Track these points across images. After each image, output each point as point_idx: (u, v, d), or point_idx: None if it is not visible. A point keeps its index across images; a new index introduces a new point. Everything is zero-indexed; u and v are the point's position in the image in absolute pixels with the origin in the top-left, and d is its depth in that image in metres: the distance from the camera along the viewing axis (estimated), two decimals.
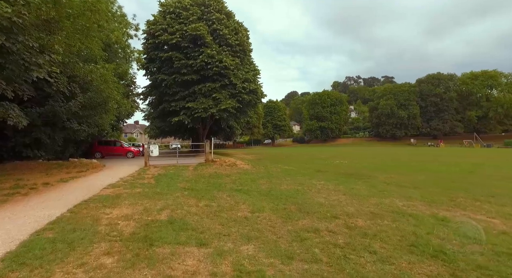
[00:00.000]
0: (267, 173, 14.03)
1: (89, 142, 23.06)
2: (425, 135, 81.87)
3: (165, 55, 25.69)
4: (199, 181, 11.15)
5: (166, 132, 32.05)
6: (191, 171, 14.36)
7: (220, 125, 32.75)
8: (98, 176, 12.23)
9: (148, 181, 11.15)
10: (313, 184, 10.60)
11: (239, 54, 28.45)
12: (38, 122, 13.34)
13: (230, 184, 10.38)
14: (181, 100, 26.55)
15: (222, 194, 8.50)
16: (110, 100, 15.05)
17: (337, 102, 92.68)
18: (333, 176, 13.12)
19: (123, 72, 19.71)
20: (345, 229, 5.04)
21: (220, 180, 11.44)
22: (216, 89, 26.41)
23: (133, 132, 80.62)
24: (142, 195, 8.13)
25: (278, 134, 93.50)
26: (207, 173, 13.52)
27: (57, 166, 13.87)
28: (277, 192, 8.87)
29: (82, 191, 8.56)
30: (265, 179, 11.87)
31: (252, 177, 12.41)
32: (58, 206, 6.59)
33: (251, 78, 28.68)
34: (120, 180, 11.17)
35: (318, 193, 8.71)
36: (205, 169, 14.57)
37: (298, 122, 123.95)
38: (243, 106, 28.51)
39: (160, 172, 13.68)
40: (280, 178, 12.29)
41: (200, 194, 8.33)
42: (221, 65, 25.71)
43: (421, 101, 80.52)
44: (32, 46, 7.29)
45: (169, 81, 26.02)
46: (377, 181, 11.56)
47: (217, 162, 16.53)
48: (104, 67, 14.24)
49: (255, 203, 7.24)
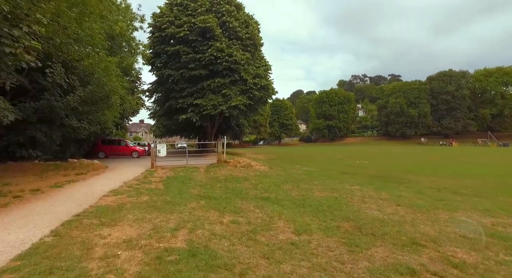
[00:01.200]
0: (289, 175, 12.44)
1: (92, 141, 21.66)
2: (435, 134, 79.49)
3: (172, 49, 24.17)
4: (214, 185, 9.60)
5: (172, 131, 30.56)
6: (203, 173, 12.82)
7: (229, 123, 31.21)
8: (99, 180, 10.73)
9: (156, 185, 9.63)
10: (349, 189, 9.00)
11: (250, 48, 26.83)
12: (33, 119, 11.87)
13: (252, 190, 8.81)
14: (188, 96, 25.02)
15: (247, 204, 6.93)
16: (113, 95, 13.54)
17: (345, 100, 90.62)
18: (364, 179, 11.49)
19: (127, 66, 18.23)
20: (453, 269, 3.42)
21: (239, 184, 9.88)
22: (226, 85, 24.84)
23: (138, 131, 79.31)
24: (149, 205, 6.60)
25: (285, 133, 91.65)
26: (222, 175, 11.97)
27: (54, 167, 12.41)
28: (313, 201, 7.29)
29: (77, 200, 7.05)
30: (290, 183, 10.29)
31: (274, 180, 10.83)
32: (41, 224, 5.05)
33: (262, 73, 27.07)
34: (124, 184, 9.66)
35: (364, 203, 7.10)
36: (218, 171, 13.02)
37: (304, 121, 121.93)
38: (254, 103, 26.93)
39: (168, 174, 12.16)
40: (306, 181, 10.70)
41: (221, 204, 6.77)
42: (231, 60, 24.13)
43: (432, 99, 78.15)
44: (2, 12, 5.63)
45: (176, 76, 24.50)
46: (421, 186, 9.92)
47: (231, 162, 14.97)
48: (105, 57, 12.73)
49: (294, 217, 5.67)
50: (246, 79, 25.29)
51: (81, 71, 12.51)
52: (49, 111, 11.87)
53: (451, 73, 77.52)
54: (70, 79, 11.89)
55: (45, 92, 11.57)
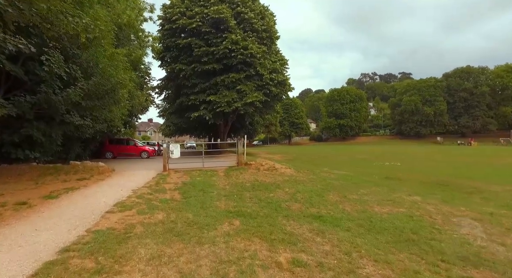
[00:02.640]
0: (323, 181, 10.59)
1: (99, 141, 20.14)
2: (451, 133, 76.41)
3: (184, 42, 22.48)
4: (243, 195, 7.82)
5: (183, 129, 28.90)
6: (223, 177, 11.06)
7: (243, 121, 29.46)
8: (104, 187, 9.06)
9: (172, 195, 7.90)
10: (412, 202, 7.13)
11: (266, 41, 24.99)
12: (30, 115, 10.24)
13: (292, 202, 7.01)
14: (201, 93, 23.33)
15: (297, 226, 5.13)
16: (121, 89, 11.87)
17: (356, 99, 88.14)
18: (418, 187, 9.59)
19: (136, 59, 16.60)
20: None
21: (272, 194, 8.09)
22: (241, 80, 23.06)
23: (147, 130, 78.00)
24: (167, 229, 4.85)
25: (295, 132, 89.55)
26: (246, 181, 10.19)
27: (54, 171, 10.80)
28: (384, 221, 5.46)
29: (71, 220, 5.35)
30: (333, 192, 8.45)
31: (310, 188, 9.01)
32: (2, 274, 3.33)
33: (279, 68, 25.26)
34: (133, 193, 7.96)
35: (458, 226, 5.23)
36: (240, 175, 11.25)
37: (314, 120, 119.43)
38: (270, 100, 25.11)
39: (184, 180, 10.44)
40: (350, 190, 8.85)
41: (263, 227, 4.99)
42: (247, 53, 22.33)
43: (449, 96, 74.98)
44: None
45: (187, 71, 22.82)
46: (503, 196, 7.98)
47: (252, 165, 13.19)
48: (110, 38, 11.05)
49: (382, 254, 3.85)
50: (262, 74, 23.50)
51: (84, 60, 10.85)
52: (48, 106, 10.24)
53: (469, 70, 74.30)
54: (71, 70, 10.24)
55: (42, 84, 9.93)
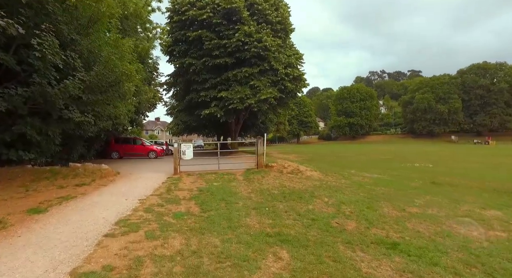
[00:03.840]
0: (361, 187, 9.02)
1: (104, 140, 18.84)
2: (466, 132, 73.79)
3: (194, 34, 21.08)
4: (276, 208, 6.33)
5: (192, 128, 27.49)
6: (244, 182, 9.59)
7: (255, 119, 28.00)
8: (105, 195, 7.64)
9: (188, 206, 6.45)
10: (498, 220, 5.56)
11: (280, 34, 23.45)
12: (23, 110, 8.88)
13: (342, 219, 5.49)
14: (212, 89, 21.91)
15: (373, 262, 3.63)
16: (127, 82, 10.47)
17: (367, 97, 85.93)
18: (483, 195, 7.98)
19: (143, 51, 15.21)
20: None
21: (310, 205, 6.58)
22: (254, 75, 21.59)
23: (154, 129, 76.89)
24: (189, 269, 3.38)
25: (304, 131, 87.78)
26: (272, 187, 8.69)
27: (50, 174, 9.45)
28: (491, 255, 3.91)
29: (51, 253, 3.91)
30: (383, 202, 6.90)
31: (353, 197, 7.46)
32: None
33: (294, 62, 23.70)
34: (140, 204, 6.53)
35: None
36: (263, 180, 9.76)
37: (322, 118, 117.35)
38: (284, 97, 23.58)
39: (199, 185, 8.97)
40: (401, 199, 7.29)
41: (325, 265, 3.49)
42: (261, 46, 20.83)
43: (464, 94, 72.32)
44: None
45: (197, 66, 21.43)
46: None
47: (274, 167, 11.67)
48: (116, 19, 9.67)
49: None
50: (277, 68, 21.98)
51: (84, 48, 9.46)
52: (44, 100, 8.87)
53: (486, 66, 71.51)
54: (69, 58, 8.85)
55: (35, 73, 8.53)
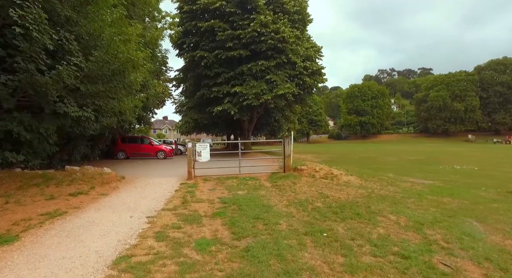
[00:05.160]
0: (420, 196, 7.34)
1: (109, 139, 17.47)
2: (483, 131, 70.95)
3: (206, 25, 19.55)
4: (333, 231, 4.75)
5: (203, 126, 25.97)
6: (273, 190, 8.00)
7: (269, 117, 26.41)
8: (104, 210, 6.11)
9: (213, 229, 4.89)
10: None
11: (298, 24, 21.81)
12: (10, 103, 7.43)
13: (439, 251, 3.88)
14: (224, 84, 20.37)
15: None
16: (133, 71, 8.97)
17: (379, 95, 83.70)
18: None
19: (152, 40, 13.76)
20: None
21: (378, 227, 4.97)
22: (271, 69, 19.99)
23: (161, 128, 75.64)
24: None
25: (314, 130, 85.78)
26: (310, 196, 7.08)
27: (42, 180, 7.96)
28: None
29: None
30: (474, 222, 5.25)
31: (425, 214, 5.81)
32: None
33: (313, 56, 22.01)
34: (149, 225, 5.00)
35: None
36: (296, 187, 8.15)
37: (331, 117, 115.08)
38: (303, 92, 21.92)
39: (221, 195, 7.41)
40: (492, 217, 5.62)
41: None
42: (278, 37, 19.21)
43: (482, 91, 69.44)
44: None
45: (209, 59, 19.90)
46: None
47: (304, 171, 10.05)
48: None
49: None
50: (295, 62, 20.34)
51: (82, 29, 7.94)
52: (34, 91, 7.39)
53: (506, 61, 68.35)
54: (63, 39, 7.33)
55: (18, 56, 6.93)
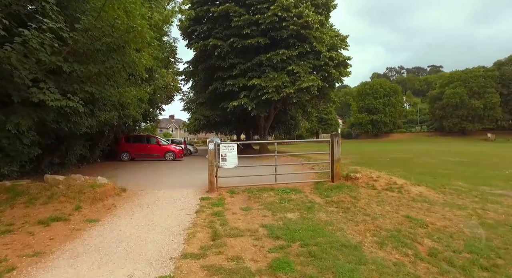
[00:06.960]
0: None
1: (111, 138, 15.34)
2: (503, 129, 67.79)
3: (219, 9, 17.29)
4: None
5: (214, 124, 23.66)
6: (331, 209, 5.71)
7: (286, 114, 24.08)
8: (81, 262, 3.84)
9: None
10: None
11: (322, 9, 19.39)
12: None
13: None
14: (240, 76, 18.10)
15: None
16: (137, 45, 6.69)
17: (391, 92, 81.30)
18: None
19: (158, 23, 11.61)
20: None
21: None
22: (292, 59, 17.65)
23: (168, 127, 73.31)
24: None
25: (323, 128, 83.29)
26: (397, 223, 4.78)
27: (7, 196, 5.71)
28: None
29: None
30: None
31: None
32: None
33: (339, 45, 19.61)
34: None
35: None
36: (358, 204, 5.86)
37: (341, 116, 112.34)
38: (328, 86, 19.54)
39: (262, 220, 5.13)
40: None
41: None
42: (301, 23, 16.86)
43: (502, 88, 66.44)
44: None
45: (224, 48, 17.64)
46: None
47: (359, 180, 7.71)
48: None
49: None
50: (320, 51, 17.95)
51: None
52: None
53: None
54: None
55: None
